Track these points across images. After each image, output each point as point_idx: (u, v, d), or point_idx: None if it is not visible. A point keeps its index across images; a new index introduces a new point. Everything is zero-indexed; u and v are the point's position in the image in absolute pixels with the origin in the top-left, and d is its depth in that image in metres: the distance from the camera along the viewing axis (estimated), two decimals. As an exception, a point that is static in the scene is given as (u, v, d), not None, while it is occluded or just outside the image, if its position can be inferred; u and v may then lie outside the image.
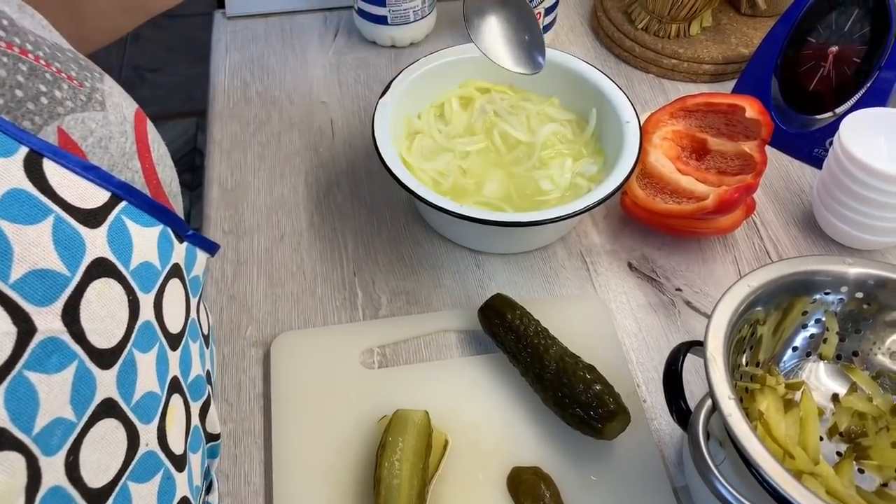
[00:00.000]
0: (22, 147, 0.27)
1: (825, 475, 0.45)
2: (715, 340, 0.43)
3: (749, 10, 0.85)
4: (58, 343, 0.27)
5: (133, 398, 0.31)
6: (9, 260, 0.25)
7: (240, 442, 0.54)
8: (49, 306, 0.27)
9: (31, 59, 0.30)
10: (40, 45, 0.31)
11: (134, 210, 0.32)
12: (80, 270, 0.28)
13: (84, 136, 0.31)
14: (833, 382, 0.52)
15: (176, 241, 0.35)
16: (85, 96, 0.32)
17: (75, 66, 0.33)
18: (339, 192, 0.70)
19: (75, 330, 0.28)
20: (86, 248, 0.29)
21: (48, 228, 0.27)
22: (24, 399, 0.25)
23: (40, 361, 0.26)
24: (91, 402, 0.29)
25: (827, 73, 0.71)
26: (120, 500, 0.31)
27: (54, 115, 0.30)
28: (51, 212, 0.27)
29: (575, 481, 0.51)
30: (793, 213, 0.70)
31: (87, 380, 0.28)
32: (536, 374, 0.54)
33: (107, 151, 0.32)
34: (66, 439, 0.27)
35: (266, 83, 0.81)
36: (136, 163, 0.34)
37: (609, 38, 0.85)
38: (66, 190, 0.28)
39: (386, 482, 0.48)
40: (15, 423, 0.25)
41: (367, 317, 0.61)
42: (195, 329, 0.39)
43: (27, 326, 0.26)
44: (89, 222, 0.29)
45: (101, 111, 0.33)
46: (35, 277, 0.26)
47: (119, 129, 0.33)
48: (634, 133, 0.62)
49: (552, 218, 0.58)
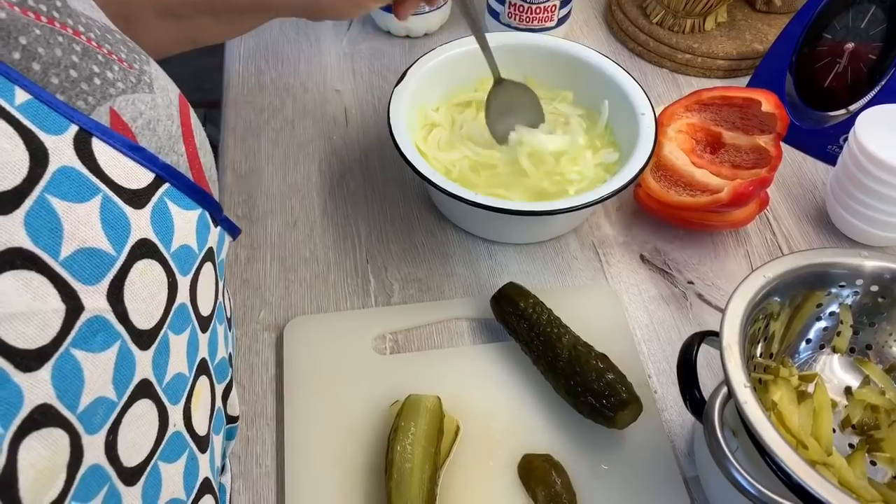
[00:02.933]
0: (72, 125, 0.27)
1: (838, 466, 0.45)
2: (731, 329, 0.43)
3: (764, 7, 0.85)
4: (103, 322, 0.27)
5: (165, 379, 0.31)
6: (59, 237, 0.26)
7: (252, 424, 0.54)
8: (96, 285, 0.27)
9: (83, 41, 0.30)
10: (91, 26, 0.32)
11: (176, 193, 0.32)
12: (125, 250, 0.28)
13: (134, 117, 0.31)
14: (846, 375, 0.52)
15: (212, 225, 0.35)
16: (135, 78, 0.32)
17: (124, 49, 0.33)
18: (353, 179, 0.70)
19: (119, 309, 0.28)
20: (131, 228, 0.29)
21: (96, 207, 0.27)
22: (70, 377, 0.25)
23: (86, 340, 0.26)
24: (131, 383, 0.29)
25: (842, 70, 0.71)
26: (151, 479, 0.31)
27: (106, 96, 0.30)
28: (99, 191, 0.27)
29: (586, 469, 0.51)
30: (805, 208, 0.70)
31: (128, 360, 0.28)
32: (549, 362, 0.54)
33: (154, 133, 0.33)
34: (107, 418, 0.28)
35: (280, 71, 0.81)
36: (181, 146, 0.34)
37: (623, 32, 0.85)
38: (113, 169, 0.28)
39: (398, 466, 0.48)
40: (61, 400, 0.25)
41: (379, 303, 0.61)
42: (221, 312, 0.39)
43: (75, 304, 0.26)
44: (134, 203, 0.29)
45: (150, 93, 0.33)
46: (83, 256, 0.26)
47: (166, 112, 0.34)
48: (650, 125, 0.62)
49: (565, 208, 0.58)
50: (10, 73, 0.25)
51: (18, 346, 0.24)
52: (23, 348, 0.24)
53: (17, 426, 0.23)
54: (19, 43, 0.27)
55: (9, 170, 0.24)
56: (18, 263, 0.24)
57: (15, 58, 0.27)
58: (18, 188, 0.25)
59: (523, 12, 0.80)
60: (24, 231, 0.25)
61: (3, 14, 0.27)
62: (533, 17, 0.80)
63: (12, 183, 0.24)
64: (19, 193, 0.25)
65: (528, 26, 0.81)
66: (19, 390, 0.24)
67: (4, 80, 0.25)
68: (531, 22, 0.80)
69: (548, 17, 0.80)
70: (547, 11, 0.80)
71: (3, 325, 0.24)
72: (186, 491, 0.34)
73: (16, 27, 0.27)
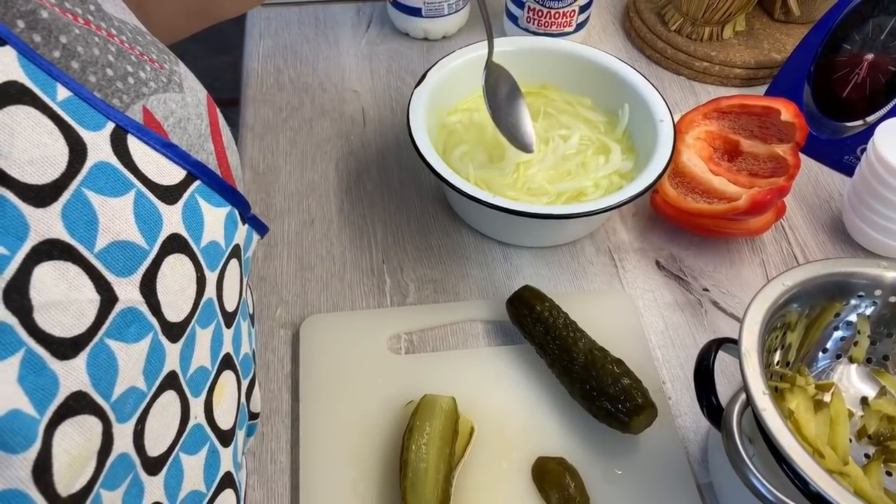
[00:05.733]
0: (109, 122, 0.28)
1: (854, 475, 0.45)
2: (750, 336, 0.43)
3: (783, 17, 0.85)
4: (136, 314, 0.27)
5: (189, 372, 0.32)
6: (94, 230, 0.26)
7: (267, 421, 0.54)
8: (129, 277, 0.27)
9: (117, 42, 0.31)
10: (123, 29, 0.32)
11: (206, 190, 0.32)
12: (157, 244, 0.29)
13: (166, 115, 0.32)
14: (863, 385, 0.52)
15: (240, 222, 0.36)
16: (165, 78, 0.33)
17: (155, 49, 0.34)
18: (370, 180, 0.71)
19: (152, 302, 0.28)
20: (163, 223, 0.29)
21: (130, 202, 0.28)
22: (105, 366, 0.26)
23: (120, 330, 0.27)
24: (160, 374, 0.29)
25: (861, 81, 0.71)
26: (173, 470, 0.31)
27: (140, 95, 0.31)
28: (133, 186, 0.28)
29: (599, 474, 0.51)
30: (821, 218, 0.70)
31: (159, 352, 0.29)
32: (564, 365, 0.54)
33: (185, 132, 0.33)
34: (136, 408, 0.28)
35: (299, 70, 0.81)
36: (210, 145, 0.35)
37: (641, 39, 0.85)
38: (147, 165, 0.29)
39: (413, 465, 0.48)
40: (96, 388, 0.25)
41: (394, 303, 0.61)
42: (245, 309, 0.39)
43: (109, 295, 0.26)
44: (166, 198, 0.30)
45: (180, 93, 0.34)
46: (117, 248, 0.27)
47: (195, 111, 0.34)
48: (668, 132, 0.63)
49: (583, 212, 0.58)
50: (52, 70, 0.26)
51: (55, 335, 0.24)
52: (59, 336, 0.24)
53: (52, 412, 0.24)
54: (60, 42, 0.28)
55: (49, 164, 0.25)
56: (55, 254, 0.25)
57: (55, 56, 0.27)
58: (57, 181, 0.25)
59: (542, 17, 0.80)
60: (61, 223, 0.25)
61: (45, 13, 0.27)
62: (551, 21, 0.80)
63: (52, 176, 0.25)
64: (58, 187, 0.25)
65: (546, 31, 0.81)
66: (55, 377, 0.24)
67: (47, 77, 0.25)
68: (549, 27, 0.81)
69: (566, 23, 0.81)
70: (565, 16, 0.80)
71: (41, 314, 0.24)
72: (207, 483, 0.35)
73: (56, 26, 0.28)
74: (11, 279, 0.23)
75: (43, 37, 0.27)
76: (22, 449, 0.22)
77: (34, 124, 0.25)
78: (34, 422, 0.23)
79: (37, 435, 0.23)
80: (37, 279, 0.24)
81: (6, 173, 0.23)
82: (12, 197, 0.24)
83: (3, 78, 0.24)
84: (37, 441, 0.23)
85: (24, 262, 0.23)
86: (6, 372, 0.22)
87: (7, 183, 0.23)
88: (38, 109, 0.25)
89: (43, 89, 0.25)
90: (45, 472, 0.23)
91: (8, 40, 0.24)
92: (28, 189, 0.24)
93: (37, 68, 0.25)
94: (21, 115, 0.24)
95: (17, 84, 0.24)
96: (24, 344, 0.23)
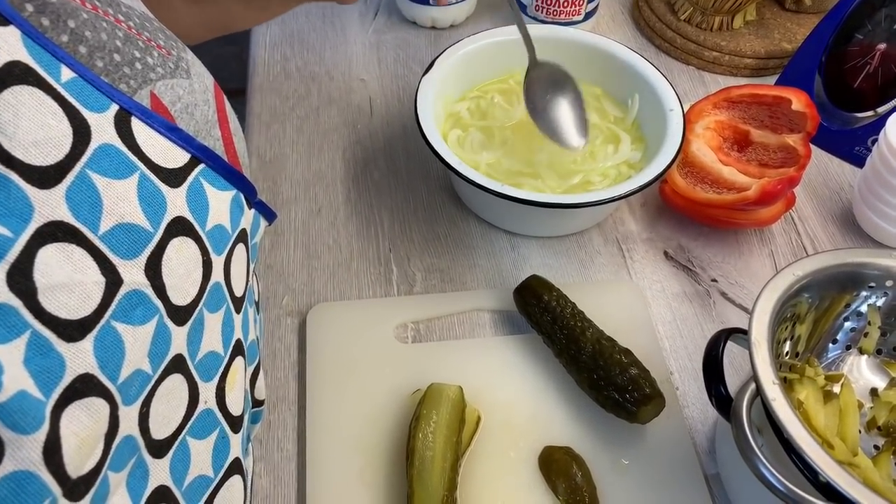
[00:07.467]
0: (113, 104, 0.28)
1: (863, 467, 0.44)
2: (760, 326, 0.43)
3: (793, 6, 0.84)
4: (142, 296, 0.27)
5: (197, 356, 0.32)
6: (98, 212, 0.26)
7: (274, 408, 0.54)
8: (134, 259, 0.27)
9: (124, 28, 0.31)
10: (131, 15, 0.32)
11: (211, 173, 0.32)
12: (161, 227, 0.29)
13: (173, 101, 0.32)
14: (873, 377, 0.51)
15: (246, 206, 0.36)
16: (173, 64, 0.33)
17: (162, 36, 0.34)
18: (377, 169, 0.70)
19: (157, 284, 0.28)
20: (167, 205, 0.29)
21: (134, 184, 0.28)
22: (111, 348, 0.26)
23: (126, 313, 0.27)
24: (165, 357, 0.29)
25: (872, 71, 0.71)
26: (180, 454, 0.31)
27: (147, 80, 0.31)
28: (137, 168, 0.28)
29: (606, 463, 0.51)
30: (831, 209, 0.69)
31: (164, 335, 0.29)
32: (571, 355, 0.54)
33: (192, 118, 0.33)
34: (142, 391, 0.28)
35: (306, 58, 0.81)
36: (217, 131, 0.35)
37: (650, 29, 0.85)
38: (150, 148, 0.29)
39: (419, 454, 0.48)
40: (103, 370, 0.25)
41: (401, 292, 0.61)
42: (251, 295, 0.39)
43: (114, 277, 0.26)
44: (171, 181, 0.30)
45: (187, 79, 0.34)
46: (121, 231, 0.27)
47: (203, 97, 0.34)
48: (678, 122, 0.62)
49: (591, 201, 0.57)
50: (56, 51, 0.26)
51: (61, 317, 0.24)
52: (65, 318, 0.24)
53: (58, 394, 0.24)
54: (68, 26, 0.28)
55: (53, 145, 0.25)
56: (60, 236, 0.25)
57: (63, 40, 0.27)
58: (61, 163, 0.25)
59: (550, 5, 0.79)
60: (65, 205, 0.25)
61: None
62: (560, 10, 0.80)
63: (56, 158, 0.25)
64: (62, 168, 0.25)
65: (554, 19, 0.80)
66: (62, 359, 0.24)
67: (51, 58, 0.25)
68: (558, 15, 0.80)
69: (575, 11, 0.80)
70: (574, 5, 0.79)
71: (46, 295, 0.24)
72: (215, 468, 0.35)
73: (65, 10, 0.28)
74: (15, 261, 0.23)
75: (51, 20, 0.27)
76: (32, 430, 0.22)
77: (38, 105, 0.24)
78: (40, 404, 0.23)
79: (44, 417, 0.23)
80: (41, 261, 0.24)
81: (11, 154, 0.23)
82: (16, 178, 0.23)
83: (7, 58, 0.24)
84: (45, 423, 0.23)
85: (28, 243, 0.23)
86: (12, 354, 0.22)
87: (11, 164, 0.23)
88: (42, 90, 0.25)
89: (47, 70, 0.25)
90: (55, 454, 0.23)
91: (13, 20, 0.24)
92: (32, 170, 0.24)
93: (41, 49, 0.25)
94: (25, 95, 0.24)
95: (21, 64, 0.24)
96: (30, 326, 0.23)
